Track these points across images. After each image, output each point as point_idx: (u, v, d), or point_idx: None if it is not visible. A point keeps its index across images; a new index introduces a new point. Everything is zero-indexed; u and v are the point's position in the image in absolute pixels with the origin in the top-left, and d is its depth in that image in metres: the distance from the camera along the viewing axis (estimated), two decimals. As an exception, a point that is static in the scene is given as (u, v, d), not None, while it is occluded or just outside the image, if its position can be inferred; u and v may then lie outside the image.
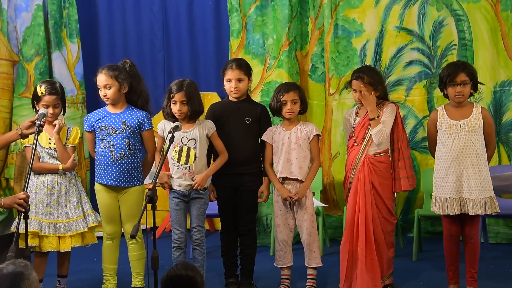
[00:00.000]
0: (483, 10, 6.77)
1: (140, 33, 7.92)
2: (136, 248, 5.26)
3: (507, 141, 6.81)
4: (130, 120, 5.22)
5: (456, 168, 4.96)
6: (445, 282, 5.20)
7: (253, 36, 7.14)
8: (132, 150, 5.20)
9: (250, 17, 7.13)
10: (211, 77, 7.44)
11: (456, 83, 4.97)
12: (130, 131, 5.20)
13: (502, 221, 6.77)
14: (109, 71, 5.18)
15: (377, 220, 5.13)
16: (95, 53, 7.85)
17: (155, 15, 7.86)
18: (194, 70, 7.71)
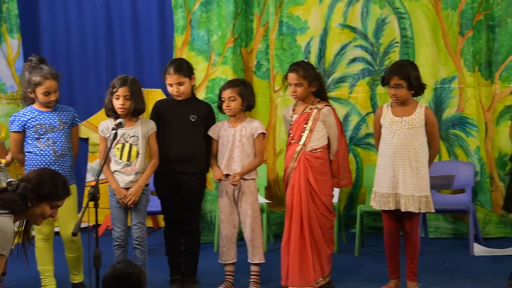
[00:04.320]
0: (424, 8, 6.88)
1: (82, 29, 7.80)
2: (75, 249, 5.20)
3: (447, 137, 6.93)
4: (65, 117, 5.17)
5: (394, 164, 5.02)
6: (386, 277, 5.27)
7: (197, 33, 7.12)
8: (70, 147, 5.15)
9: (194, 14, 7.11)
10: (156, 74, 7.37)
11: (390, 86, 5.04)
12: (67, 127, 5.16)
13: (442, 216, 6.89)
14: (54, 75, 5.09)
15: (314, 216, 5.15)
16: (36, 49, 7.69)
17: (98, 10, 7.75)
18: (138, 66, 7.64)
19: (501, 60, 6.78)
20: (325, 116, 5.18)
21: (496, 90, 6.84)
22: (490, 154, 6.89)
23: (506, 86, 6.79)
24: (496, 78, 6.82)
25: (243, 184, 5.27)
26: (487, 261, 6.06)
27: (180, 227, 5.35)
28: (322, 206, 5.19)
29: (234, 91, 5.26)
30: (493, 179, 6.89)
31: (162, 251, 5.48)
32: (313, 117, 5.17)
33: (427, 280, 5.45)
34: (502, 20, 6.73)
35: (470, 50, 6.81)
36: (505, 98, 6.78)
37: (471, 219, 6.32)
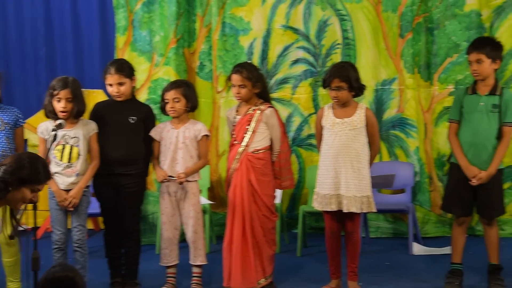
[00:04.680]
0: (365, 10, 6.96)
1: (21, 28, 7.64)
2: (12, 253, 5.10)
3: (387, 137, 7.03)
4: (7, 117, 5.08)
5: (336, 165, 5.05)
6: (328, 277, 5.30)
7: (140, 33, 7.07)
8: (11, 148, 5.06)
9: (136, 14, 7.05)
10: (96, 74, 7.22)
11: (331, 88, 5.08)
12: (9, 128, 5.06)
13: (382, 216, 6.98)
14: None
15: (256, 217, 5.17)
16: (-27, 48, 7.58)
17: (37, 9, 7.61)
18: (79, 66, 7.54)
19: (439, 62, 6.90)
20: (268, 117, 5.20)
21: (435, 92, 6.96)
22: (429, 154, 7.00)
23: (445, 88, 6.91)
24: (435, 79, 6.94)
25: (186, 185, 5.25)
26: (425, 260, 6.15)
27: (120, 229, 5.30)
28: (264, 207, 5.21)
29: (178, 92, 5.24)
30: (432, 179, 7.01)
31: (103, 254, 5.42)
32: (256, 118, 5.19)
33: (368, 279, 5.51)
34: (440, 23, 6.85)
35: (409, 52, 6.91)
36: (443, 100, 6.90)
37: (410, 218, 6.42)
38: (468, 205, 5.26)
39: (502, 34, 6.70)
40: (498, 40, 5.42)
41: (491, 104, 5.14)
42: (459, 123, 5.25)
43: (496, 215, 5.29)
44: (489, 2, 6.77)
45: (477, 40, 5.37)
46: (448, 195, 5.39)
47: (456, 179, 5.27)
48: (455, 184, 5.30)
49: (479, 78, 5.17)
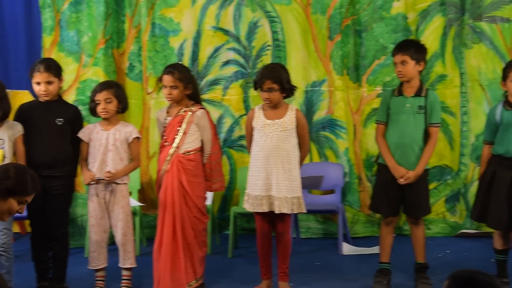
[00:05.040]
0: (295, 12, 7.00)
1: None
2: None
3: (317, 139, 7.09)
4: None
5: (267, 167, 5.08)
6: (259, 278, 5.33)
7: (67, 33, 6.94)
8: None
9: (64, 14, 6.93)
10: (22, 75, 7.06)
11: (263, 90, 5.10)
12: None
13: (312, 216, 7.03)
14: None
15: (187, 219, 5.15)
16: None
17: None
18: (4, 67, 7.34)
19: (367, 64, 6.99)
20: (199, 118, 5.18)
21: (363, 93, 7.05)
22: (358, 155, 7.09)
23: (373, 89, 7.01)
24: (364, 81, 7.03)
25: (115, 188, 5.19)
26: (355, 259, 6.23)
27: (48, 232, 5.20)
28: (195, 208, 5.19)
29: (110, 92, 5.19)
30: (361, 179, 7.10)
31: (30, 257, 5.31)
32: (187, 120, 5.16)
33: (298, 280, 5.55)
34: (368, 26, 6.95)
35: (338, 54, 6.99)
36: (372, 101, 7.00)
37: (340, 219, 6.49)
38: (395, 205, 5.35)
39: (427, 37, 6.83)
40: (422, 42, 5.54)
41: (417, 105, 5.24)
42: (386, 124, 5.34)
43: (422, 215, 5.40)
44: (414, 6, 6.90)
45: (401, 42, 5.48)
46: (376, 195, 5.47)
47: (384, 180, 5.36)
48: (382, 184, 5.38)
49: (404, 79, 5.27)
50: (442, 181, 6.99)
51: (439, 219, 6.99)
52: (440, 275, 5.44)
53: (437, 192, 6.97)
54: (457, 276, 2.60)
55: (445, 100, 6.82)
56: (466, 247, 6.54)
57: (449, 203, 7.00)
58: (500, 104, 5.22)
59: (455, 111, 6.92)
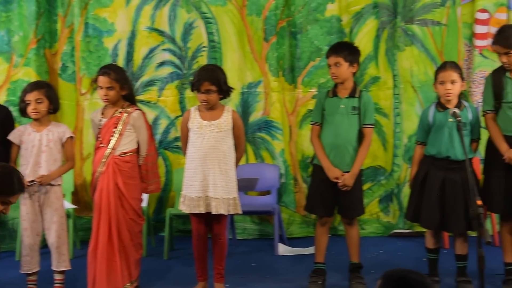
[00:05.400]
0: (230, 14, 7.00)
1: None
2: None
3: (254, 140, 7.10)
4: None
5: (204, 168, 5.07)
6: (194, 280, 5.31)
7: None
8: None
9: (-7, 13, 6.79)
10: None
11: (201, 91, 5.09)
12: None
13: (249, 217, 7.05)
14: None
15: (123, 221, 5.09)
16: None
17: None
18: None
19: (303, 66, 7.04)
20: (135, 120, 5.13)
21: (299, 95, 7.09)
22: (294, 156, 7.13)
23: (308, 91, 7.06)
24: (299, 83, 7.07)
25: (49, 189, 5.11)
26: (290, 260, 6.26)
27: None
28: (131, 210, 5.13)
29: (41, 93, 5.09)
30: (297, 180, 7.14)
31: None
32: (123, 121, 5.11)
33: (234, 281, 5.55)
34: (303, 27, 7.00)
35: (274, 55, 7.02)
36: (307, 102, 7.04)
37: (276, 220, 6.51)
38: (330, 206, 5.40)
39: (361, 39, 6.92)
40: (356, 45, 5.62)
41: (351, 106, 5.31)
42: (321, 125, 5.39)
43: (356, 215, 5.47)
44: (348, 8, 6.97)
45: (335, 44, 5.54)
46: (311, 196, 5.51)
47: (319, 181, 5.40)
48: (317, 185, 5.43)
49: (338, 81, 5.33)
50: (376, 182, 7.09)
51: (373, 219, 7.08)
52: (373, 275, 5.51)
53: (371, 193, 7.06)
54: (390, 275, 2.64)
55: (378, 102, 6.92)
56: (399, 247, 6.65)
57: (383, 203, 7.10)
58: (433, 105, 5.32)
59: (388, 112, 7.02)
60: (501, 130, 5.13)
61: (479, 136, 5.30)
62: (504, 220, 5.28)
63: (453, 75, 5.16)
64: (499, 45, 5.06)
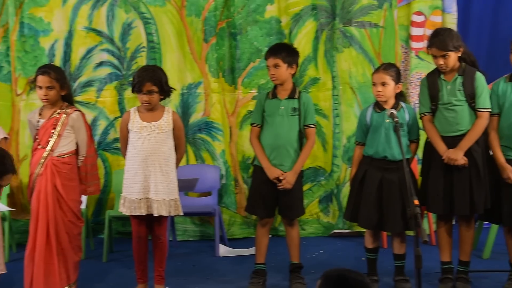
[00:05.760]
0: (169, 14, 6.96)
1: None
2: None
3: (194, 141, 7.08)
4: None
5: (145, 169, 5.04)
6: (134, 282, 5.27)
7: None
8: None
9: None
10: None
11: (143, 92, 5.05)
12: None
13: (189, 219, 7.03)
14: None
15: (62, 223, 5.02)
16: None
17: None
18: None
19: (243, 67, 7.05)
20: (74, 121, 5.07)
21: (239, 96, 7.10)
22: (235, 157, 7.14)
23: (248, 92, 7.07)
24: (239, 84, 7.08)
25: (-17, 192, 5.00)
26: (231, 261, 6.27)
27: None
28: (70, 212, 5.06)
29: None
30: (238, 181, 7.15)
31: None
32: (62, 122, 5.04)
33: (175, 282, 5.53)
34: (242, 28, 7.00)
35: (214, 56, 7.01)
36: (247, 103, 7.05)
37: (216, 221, 6.51)
38: (271, 207, 5.42)
39: (300, 41, 6.97)
40: (294, 46, 5.66)
41: (291, 107, 5.34)
42: (261, 127, 5.42)
43: (296, 216, 5.50)
44: (287, 10, 7.01)
45: (274, 46, 5.57)
46: (252, 197, 5.53)
47: (259, 181, 5.42)
48: (258, 186, 5.45)
49: (277, 82, 5.37)
50: (316, 182, 7.14)
51: (313, 220, 7.13)
52: (314, 275, 5.56)
53: (311, 193, 7.11)
54: (329, 275, 2.66)
55: (318, 103, 6.97)
56: (339, 247, 6.71)
57: (323, 203, 7.16)
58: (371, 106, 5.39)
59: (328, 113, 7.09)
60: (439, 131, 5.23)
61: (418, 137, 5.40)
62: (441, 220, 5.38)
63: (384, 77, 5.23)
64: (435, 48, 5.15)
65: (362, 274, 2.68)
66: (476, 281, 5.43)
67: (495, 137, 5.20)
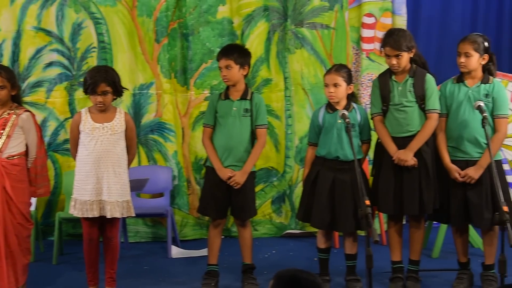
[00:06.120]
0: (120, 14, 6.89)
1: None
2: None
3: (146, 142, 7.03)
4: None
5: (97, 171, 5.01)
6: (85, 284, 5.22)
7: None
8: None
9: None
10: None
11: (97, 93, 5.00)
12: None
13: (141, 220, 6.98)
14: None
15: (11, 226, 4.94)
16: None
17: None
18: None
19: (195, 68, 7.02)
20: (24, 121, 5.00)
21: (191, 97, 7.07)
22: (187, 158, 7.11)
23: (201, 93, 7.05)
24: (191, 84, 7.05)
25: None
26: (184, 262, 6.25)
27: None
28: (19, 214, 4.99)
29: None
30: (190, 182, 7.12)
31: None
32: (12, 123, 4.96)
33: (126, 285, 5.50)
34: (194, 29, 6.97)
35: (166, 57, 6.97)
36: (200, 104, 7.03)
37: (169, 222, 6.48)
38: (223, 208, 5.43)
39: (252, 42, 6.97)
40: (246, 47, 5.67)
41: (243, 108, 5.36)
42: (213, 127, 5.42)
43: (249, 217, 5.52)
44: (239, 10, 7.00)
45: (225, 47, 5.58)
46: (204, 198, 5.53)
47: (212, 183, 5.43)
48: (210, 187, 5.45)
49: (229, 83, 5.38)
50: (269, 183, 7.16)
51: (265, 220, 7.15)
52: (266, 275, 5.58)
53: (264, 194, 7.12)
54: (282, 275, 2.67)
55: (270, 104, 6.99)
56: (291, 247, 6.74)
57: (275, 204, 7.18)
58: (323, 107, 5.43)
59: (280, 114, 7.11)
60: (389, 132, 5.29)
61: (370, 138, 5.46)
62: (392, 220, 5.44)
63: (336, 79, 5.28)
64: (389, 47, 5.21)
65: (314, 274, 2.69)
66: (426, 280, 5.52)
67: (443, 138, 5.29)
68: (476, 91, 5.22)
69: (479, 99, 5.15)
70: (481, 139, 5.14)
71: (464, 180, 5.16)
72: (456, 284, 5.38)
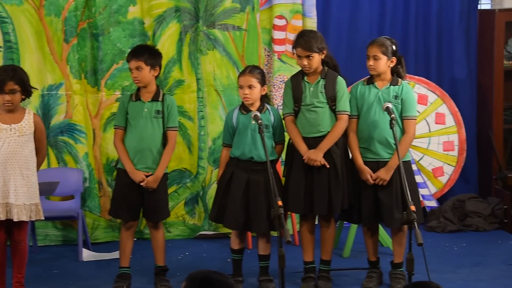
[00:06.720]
0: (27, 13, 6.72)
1: None
2: None
3: (56, 144, 6.90)
4: None
5: (4, 173, 4.90)
6: (-8, 290, 5.10)
7: None
8: None
9: None
10: None
11: (4, 92, 4.89)
12: None
13: (51, 223, 6.84)
14: None
15: None
16: None
17: None
18: None
19: (106, 68, 6.92)
20: None
21: (102, 98, 6.96)
22: (99, 160, 7.01)
23: (112, 94, 6.96)
24: (102, 85, 6.94)
25: None
26: (95, 265, 6.17)
27: None
28: None
29: None
30: (102, 184, 7.03)
31: None
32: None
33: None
34: (105, 29, 6.87)
35: (75, 57, 6.84)
36: (111, 105, 6.94)
37: (80, 225, 6.39)
38: (135, 210, 5.41)
39: (164, 43, 6.92)
40: (157, 48, 5.64)
41: (155, 110, 5.35)
42: (124, 129, 5.38)
43: (161, 218, 5.51)
44: (150, 11, 6.94)
45: (135, 48, 5.55)
46: (116, 200, 5.49)
47: (123, 184, 5.40)
48: (122, 189, 5.42)
49: (140, 84, 5.39)
50: (182, 184, 7.13)
51: (179, 222, 7.12)
52: (179, 277, 5.57)
53: (177, 195, 7.09)
54: (194, 277, 2.67)
55: (183, 105, 6.96)
56: (205, 248, 6.74)
57: (189, 205, 7.16)
58: (237, 108, 5.45)
59: (193, 115, 7.09)
60: (301, 132, 5.36)
61: (283, 139, 5.51)
62: (304, 220, 5.51)
63: (251, 80, 5.32)
64: (300, 48, 5.28)
65: (226, 275, 2.71)
66: (337, 279, 5.62)
67: (354, 139, 5.39)
68: (386, 92, 5.34)
69: (389, 101, 5.28)
70: (391, 140, 5.26)
71: (376, 182, 5.28)
72: (366, 283, 5.49)
